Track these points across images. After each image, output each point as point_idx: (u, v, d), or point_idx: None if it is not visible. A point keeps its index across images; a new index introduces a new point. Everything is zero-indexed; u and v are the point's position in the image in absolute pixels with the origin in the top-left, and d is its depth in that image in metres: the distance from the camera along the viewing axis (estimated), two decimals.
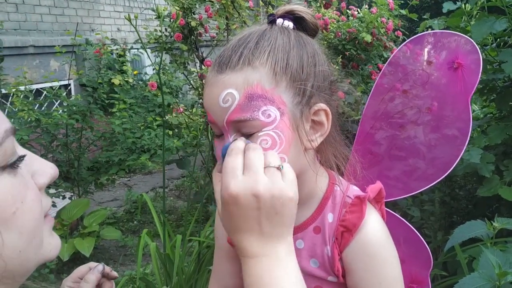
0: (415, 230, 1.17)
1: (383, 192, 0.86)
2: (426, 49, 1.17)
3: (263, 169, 0.64)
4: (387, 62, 1.23)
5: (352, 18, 3.53)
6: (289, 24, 0.77)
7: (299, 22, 0.78)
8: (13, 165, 0.49)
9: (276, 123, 0.70)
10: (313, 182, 0.80)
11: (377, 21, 3.31)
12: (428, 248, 1.16)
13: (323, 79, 0.76)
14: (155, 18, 3.19)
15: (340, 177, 0.85)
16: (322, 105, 0.75)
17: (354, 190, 0.84)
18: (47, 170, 0.55)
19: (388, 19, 3.39)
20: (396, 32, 3.55)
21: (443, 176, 1.14)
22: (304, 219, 0.82)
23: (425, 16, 2.23)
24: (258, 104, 0.69)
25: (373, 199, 0.83)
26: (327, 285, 0.82)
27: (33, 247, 0.51)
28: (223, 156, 0.69)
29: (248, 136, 0.70)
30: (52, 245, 0.55)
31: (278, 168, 0.65)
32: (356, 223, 0.77)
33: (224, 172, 0.65)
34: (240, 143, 0.67)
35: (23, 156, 0.50)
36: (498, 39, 2.14)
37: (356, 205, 0.79)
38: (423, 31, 2.31)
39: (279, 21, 0.77)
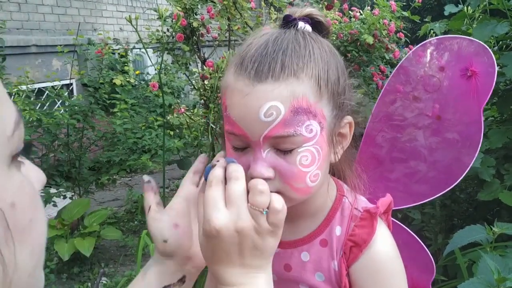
0: (417, 237, 1.16)
1: (392, 205, 0.84)
2: (438, 55, 1.13)
3: (245, 202, 0.62)
4: (397, 66, 1.20)
5: (354, 19, 3.53)
6: (309, 28, 0.73)
7: (316, 26, 0.75)
8: (17, 157, 0.37)
9: (317, 139, 0.68)
10: (325, 194, 0.79)
11: (379, 22, 3.30)
12: (430, 254, 1.15)
13: (350, 91, 0.76)
14: (157, 19, 3.19)
15: (348, 187, 0.84)
16: (349, 118, 0.74)
17: (362, 202, 0.81)
18: (39, 175, 0.44)
19: (390, 20, 3.38)
20: (398, 34, 3.54)
21: (454, 184, 1.11)
22: (310, 231, 0.80)
23: (426, 19, 2.23)
24: (302, 118, 0.65)
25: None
26: None
27: (37, 273, 0.39)
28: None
29: (287, 152, 0.67)
30: (42, 278, 0.41)
31: (262, 213, 0.62)
32: (366, 239, 0.75)
33: (206, 204, 0.62)
34: (219, 171, 0.64)
35: (27, 148, 0.38)
36: (500, 42, 2.13)
37: (366, 219, 0.77)
38: (425, 34, 2.32)
39: (301, 24, 0.73)
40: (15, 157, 0.36)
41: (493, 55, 1.01)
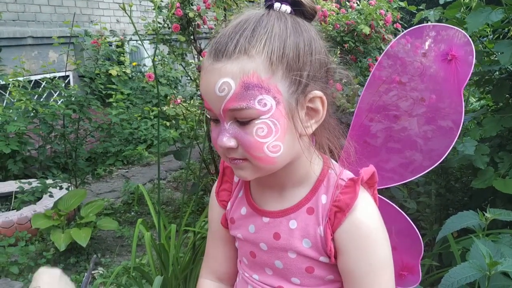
0: (407, 217, 1.18)
1: (376, 177, 0.86)
2: (421, 41, 1.17)
3: None
4: (383, 53, 1.23)
5: (350, 9, 3.52)
6: (286, 8, 0.76)
7: (297, 6, 0.77)
8: None
9: (272, 112, 0.71)
10: (307, 165, 0.82)
11: (375, 13, 3.30)
12: (420, 235, 1.16)
13: (319, 67, 0.76)
14: (153, 9, 3.18)
15: (335, 162, 0.86)
16: (318, 93, 0.76)
17: (348, 174, 0.85)
18: None
19: (387, 11, 3.37)
20: (395, 25, 3.54)
21: (436, 165, 1.14)
22: (298, 200, 0.83)
23: (421, 7, 2.22)
24: (254, 93, 0.70)
25: (366, 183, 0.83)
26: (319, 266, 0.83)
27: None
28: None
29: (245, 123, 0.72)
30: None
31: None
32: (349, 203, 0.78)
33: None
34: None
35: None
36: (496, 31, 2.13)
37: (350, 186, 0.80)
38: (419, 21, 2.31)
39: (277, 5, 0.76)
40: None
41: (469, 38, 1.04)
